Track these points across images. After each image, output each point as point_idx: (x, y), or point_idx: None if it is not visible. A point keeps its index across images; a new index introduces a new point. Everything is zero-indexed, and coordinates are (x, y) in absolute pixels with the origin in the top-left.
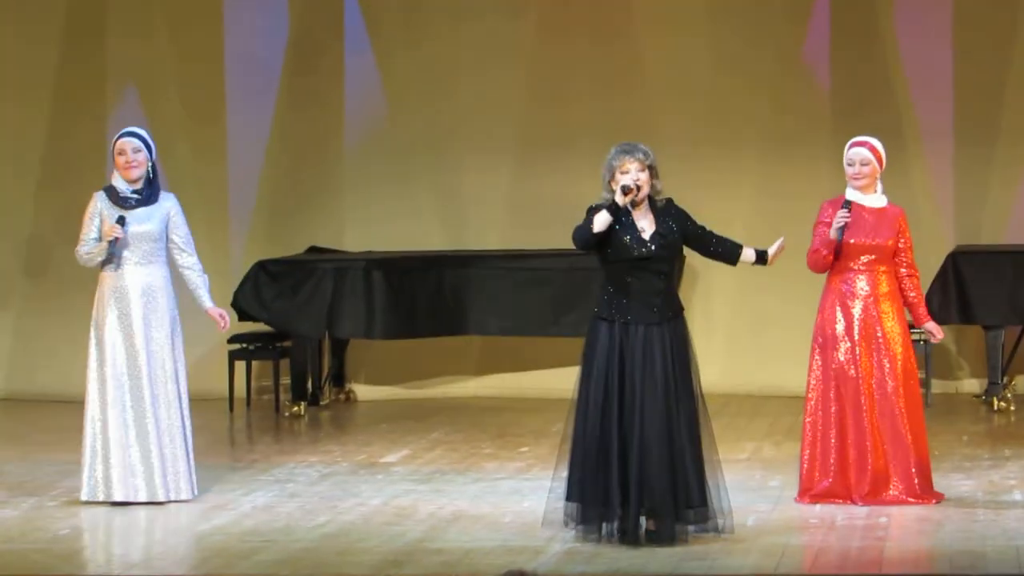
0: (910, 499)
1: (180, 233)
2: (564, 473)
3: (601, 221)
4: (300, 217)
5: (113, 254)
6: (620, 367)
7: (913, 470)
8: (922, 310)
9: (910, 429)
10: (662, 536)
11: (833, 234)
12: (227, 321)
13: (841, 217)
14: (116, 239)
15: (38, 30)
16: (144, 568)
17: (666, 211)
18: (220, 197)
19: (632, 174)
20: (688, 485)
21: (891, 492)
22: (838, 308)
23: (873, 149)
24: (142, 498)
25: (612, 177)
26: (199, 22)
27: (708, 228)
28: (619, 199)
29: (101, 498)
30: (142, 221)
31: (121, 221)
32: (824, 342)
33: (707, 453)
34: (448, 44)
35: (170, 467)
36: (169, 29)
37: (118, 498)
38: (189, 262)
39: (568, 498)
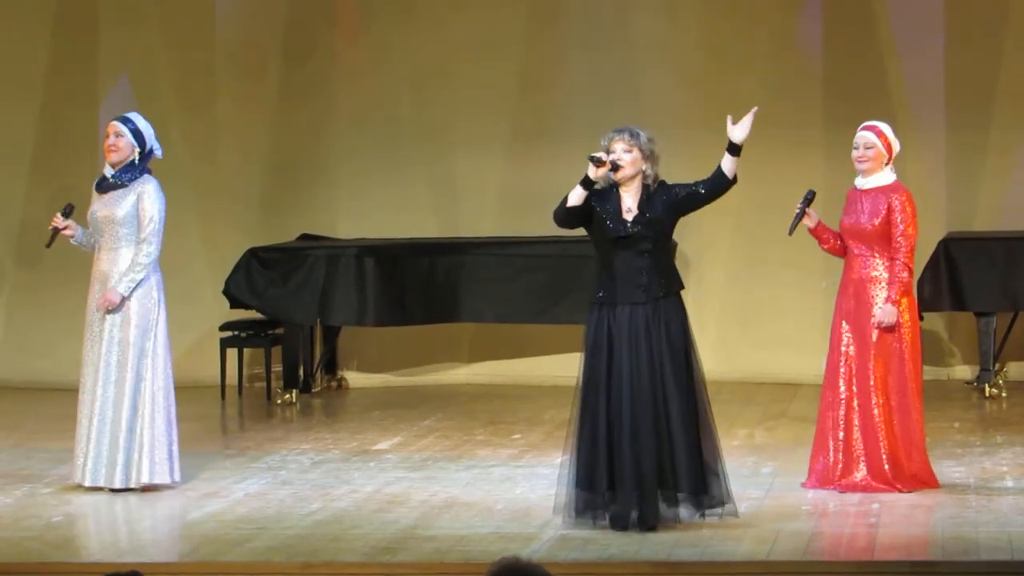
0: (876, 485)
1: (143, 218)
2: (568, 458)
3: (575, 196)
4: (293, 207)
5: (77, 240)
6: (608, 350)
7: (884, 456)
8: (890, 291)
9: (884, 414)
10: (645, 520)
11: (790, 230)
12: (107, 302)
13: (797, 208)
14: (57, 228)
15: (30, 20)
16: (137, 555)
17: (656, 192)
18: (213, 186)
19: (617, 153)
20: (677, 471)
21: (860, 477)
22: (840, 292)
23: (880, 133)
24: (85, 482)
25: None
26: (191, 11)
27: (693, 182)
28: (590, 172)
29: (75, 481)
30: (109, 205)
31: (67, 211)
32: (833, 326)
33: (707, 439)
34: (440, 32)
35: (122, 456)
36: (161, 18)
37: (73, 481)
38: (140, 249)
39: (576, 484)
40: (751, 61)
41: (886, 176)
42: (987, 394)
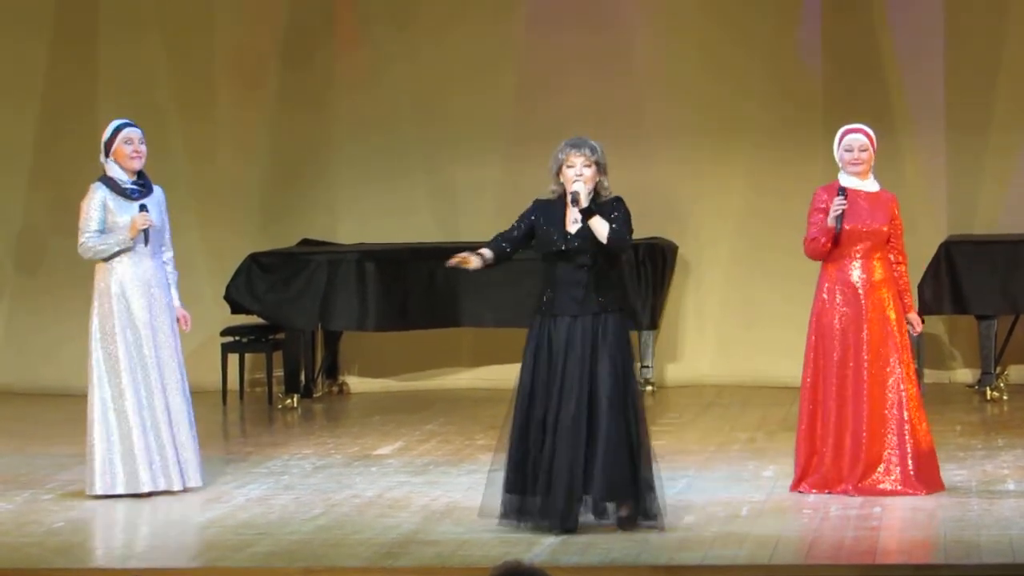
0: (901, 488)
1: (167, 227)
2: (502, 462)
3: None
4: (294, 212)
5: (132, 245)
6: (548, 359)
7: (910, 459)
8: (907, 300)
9: (910, 417)
10: (568, 527)
11: (831, 222)
12: (189, 324)
13: (838, 204)
14: (149, 227)
15: (30, 26)
16: (138, 561)
17: (603, 208)
18: (213, 191)
19: (577, 168)
20: (611, 481)
21: (884, 481)
22: (835, 295)
23: (869, 136)
24: (161, 487)
25: (559, 169)
26: (190, 18)
27: (621, 223)
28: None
29: (120, 491)
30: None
31: (144, 209)
32: (820, 329)
33: (641, 453)
34: (439, 37)
35: (182, 456)
36: (160, 25)
37: (142, 489)
38: (168, 257)
39: (505, 488)
40: (750, 67)
41: (874, 181)
42: (988, 397)
